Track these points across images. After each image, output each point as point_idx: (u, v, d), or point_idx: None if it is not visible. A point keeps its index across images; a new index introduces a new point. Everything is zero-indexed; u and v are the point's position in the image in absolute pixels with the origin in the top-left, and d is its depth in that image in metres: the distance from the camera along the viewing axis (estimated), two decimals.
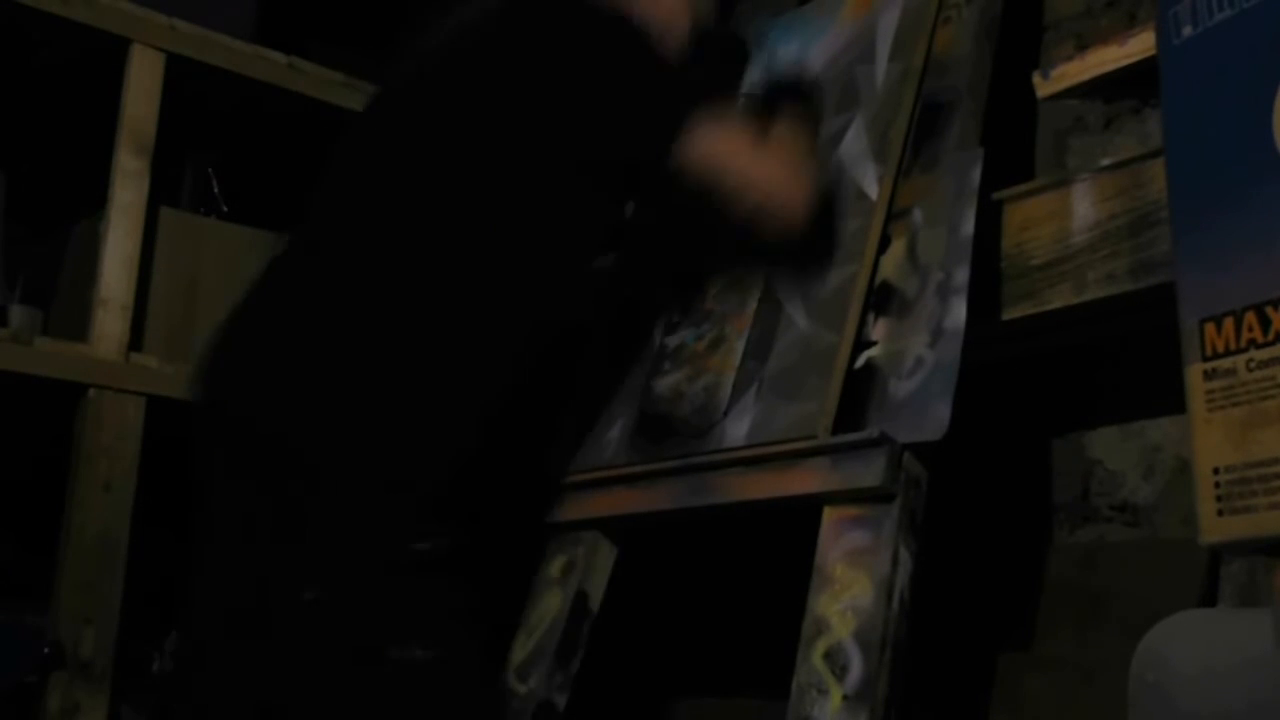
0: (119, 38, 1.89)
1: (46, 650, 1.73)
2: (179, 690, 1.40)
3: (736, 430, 1.62)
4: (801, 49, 1.90)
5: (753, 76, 1.94)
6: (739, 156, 1.40)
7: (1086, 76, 1.47)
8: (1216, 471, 1.12)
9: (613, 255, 1.87)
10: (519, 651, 1.73)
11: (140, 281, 1.88)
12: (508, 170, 1.41)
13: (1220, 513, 1.11)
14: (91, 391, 1.81)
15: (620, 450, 1.76)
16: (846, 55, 1.80)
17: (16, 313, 1.88)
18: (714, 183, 1.39)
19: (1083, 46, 1.63)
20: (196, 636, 1.41)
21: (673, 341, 1.82)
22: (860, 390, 1.50)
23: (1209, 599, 1.33)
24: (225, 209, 2.14)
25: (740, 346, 1.70)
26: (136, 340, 1.87)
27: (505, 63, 1.44)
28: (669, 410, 1.73)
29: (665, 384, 1.77)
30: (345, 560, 1.27)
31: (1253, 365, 1.11)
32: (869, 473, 1.40)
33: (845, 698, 1.34)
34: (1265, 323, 1.11)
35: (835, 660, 1.36)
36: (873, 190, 1.62)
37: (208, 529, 1.39)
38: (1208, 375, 1.15)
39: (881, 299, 1.54)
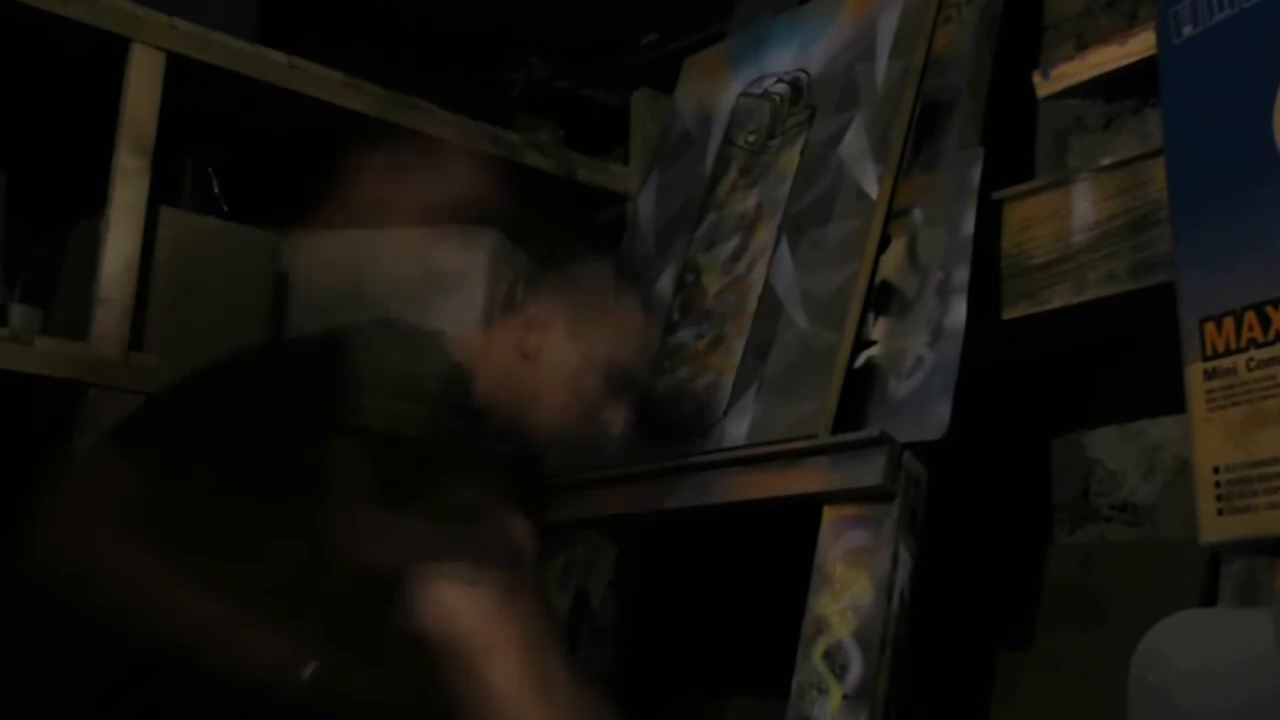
0: (119, 37, 1.88)
1: None
2: None
3: (737, 430, 1.62)
4: (800, 51, 1.90)
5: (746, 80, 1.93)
6: None
7: (1086, 76, 1.47)
8: (1216, 471, 1.12)
9: None
10: None
11: (140, 281, 1.87)
12: None
13: (1220, 512, 1.11)
14: (91, 391, 1.80)
15: (620, 450, 1.76)
16: (846, 54, 1.80)
17: (16, 312, 1.87)
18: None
19: (1083, 46, 1.63)
20: None
21: (673, 341, 1.82)
22: (860, 390, 1.50)
23: (1209, 599, 1.33)
24: (225, 209, 2.13)
25: (740, 346, 1.70)
26: (136, 340, 1.86)
27: None
28: (669, 410, 1.73)
29: (665, 383, 1.77)
30: None
31: (1253, 365, 1.11)
32: (869, 472, 1.40)
33: (845, 697, 1.34)
34: (1265, 322, 1.11)
35: (835, 660, 1.36)
36: (873, 190, 1.62)
37: None
38: (1208, 375, 1.15)
39: (881, 298, 1.54)
